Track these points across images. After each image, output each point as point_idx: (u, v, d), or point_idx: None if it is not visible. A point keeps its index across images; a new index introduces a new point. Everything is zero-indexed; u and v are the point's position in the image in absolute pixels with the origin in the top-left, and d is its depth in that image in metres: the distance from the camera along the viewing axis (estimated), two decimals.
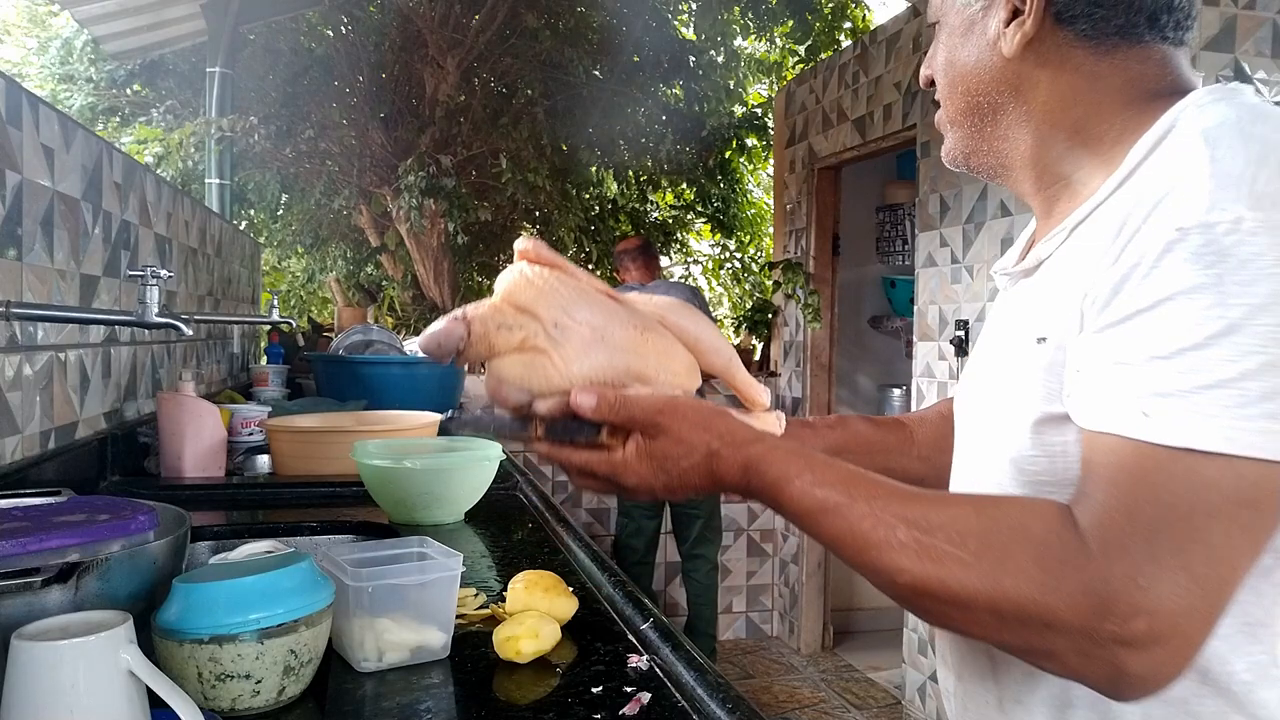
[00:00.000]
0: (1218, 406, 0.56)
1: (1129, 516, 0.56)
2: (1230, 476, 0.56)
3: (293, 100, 4.69)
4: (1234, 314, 0.56)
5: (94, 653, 0.64)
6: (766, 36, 5.84)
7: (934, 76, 0.82)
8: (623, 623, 1.05)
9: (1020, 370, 0.73)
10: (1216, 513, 0.56)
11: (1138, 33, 0.71)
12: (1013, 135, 0.77)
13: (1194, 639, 0.57)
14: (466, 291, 5.43)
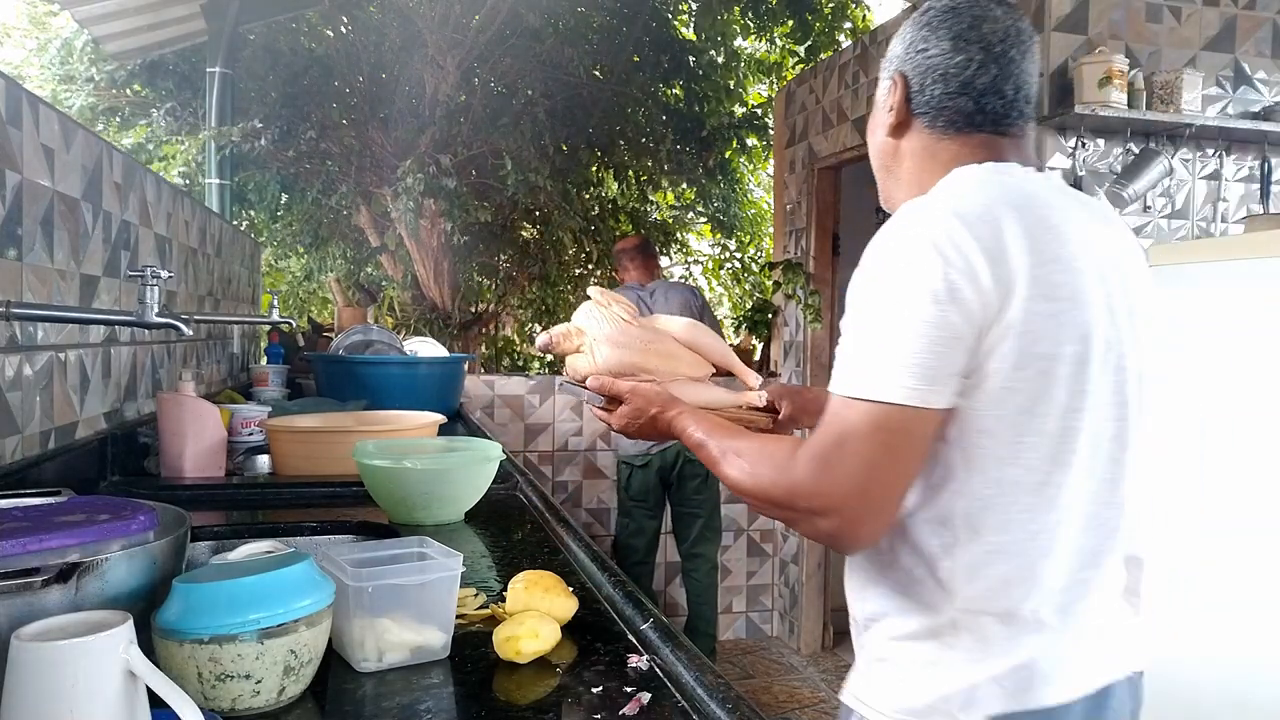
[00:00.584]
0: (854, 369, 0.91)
1: (818, 440, 0.91)
2: (864, 413, 0.88)
3: (293, 100, 4.69)
4: (859, 322, 0.92)
5: (94, 653, 0.64)
6: (766, 36, 5.84)
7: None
8: (623, 623, 1.05)
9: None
10: (857, 435, 0.88)
11: (958, 126, 1.03)
12: (898, 187, 1.15)
13: (861, 513, 0.88)
14: (467, 291, 5.42)
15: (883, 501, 0.89)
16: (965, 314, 0.86)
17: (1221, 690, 2.20)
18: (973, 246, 0.87)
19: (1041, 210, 0.92)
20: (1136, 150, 2.76)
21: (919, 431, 0.88)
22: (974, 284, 0.86)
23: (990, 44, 1.01)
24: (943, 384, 0.87)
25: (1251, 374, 2.17)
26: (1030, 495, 0.90)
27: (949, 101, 1.03)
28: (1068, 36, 2.72)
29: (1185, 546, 2.34)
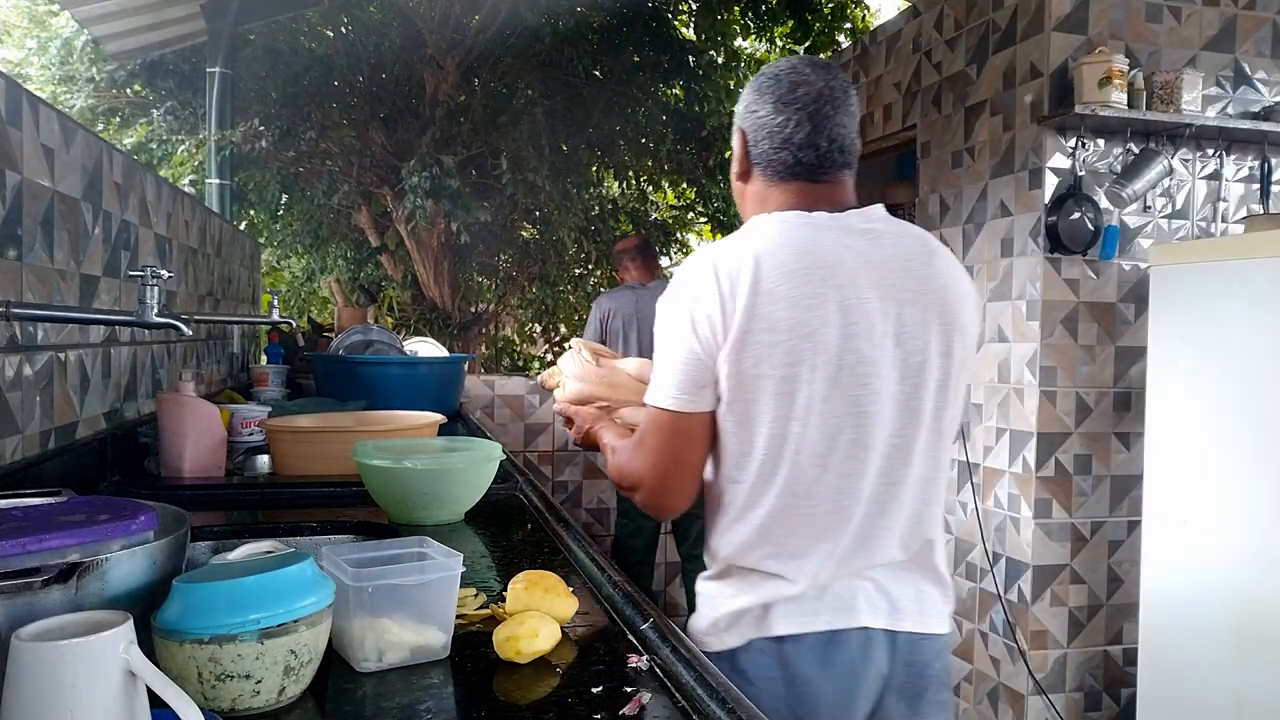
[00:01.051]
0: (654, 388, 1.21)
1: (635, 436, 1.29)
2: (653, 416, 1.21)
3: (293, 100, 4.69)
4: (657, 344, 1.22)
5: (94, 653, 0.64)
6: (766, 36, 5.84)
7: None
8: (623, 623, 1.05)
9: None
10: (650, 431, 1.22)
11: (781, 176, 1.25)
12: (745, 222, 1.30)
13: (658, 488, 1.25)
14: (467, 291, 5.43)
15: (673, 480, 1.24)
16: (702, 342, 1.15)
17: (1221, 690, 2.20)
18: (712, 293, 1.14)
19: (805, 257, 1.15)
20: (1136, 150, 2.76)
21: (687, 428, 1.19)
22: (708, 321, 1.14)
23: (805, 105, 1.22)
24: (698, 394, 1.17)
25: (1252, 374, 2.17)
26: (756, 483, 1.19)
27: (774, 155, 1.25)
28: (1068, 36, 2.72)
29: (1185, 545, 2.34)
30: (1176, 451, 2.38)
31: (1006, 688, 2.89)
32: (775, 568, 1.20)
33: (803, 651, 1.18)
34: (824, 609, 1.20)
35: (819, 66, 1.25)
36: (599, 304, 3.69)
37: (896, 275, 1.18)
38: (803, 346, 1.13)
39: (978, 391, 3.03)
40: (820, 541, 1.19)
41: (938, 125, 3.28)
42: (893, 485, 1.22)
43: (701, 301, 1.14)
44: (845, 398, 1.15)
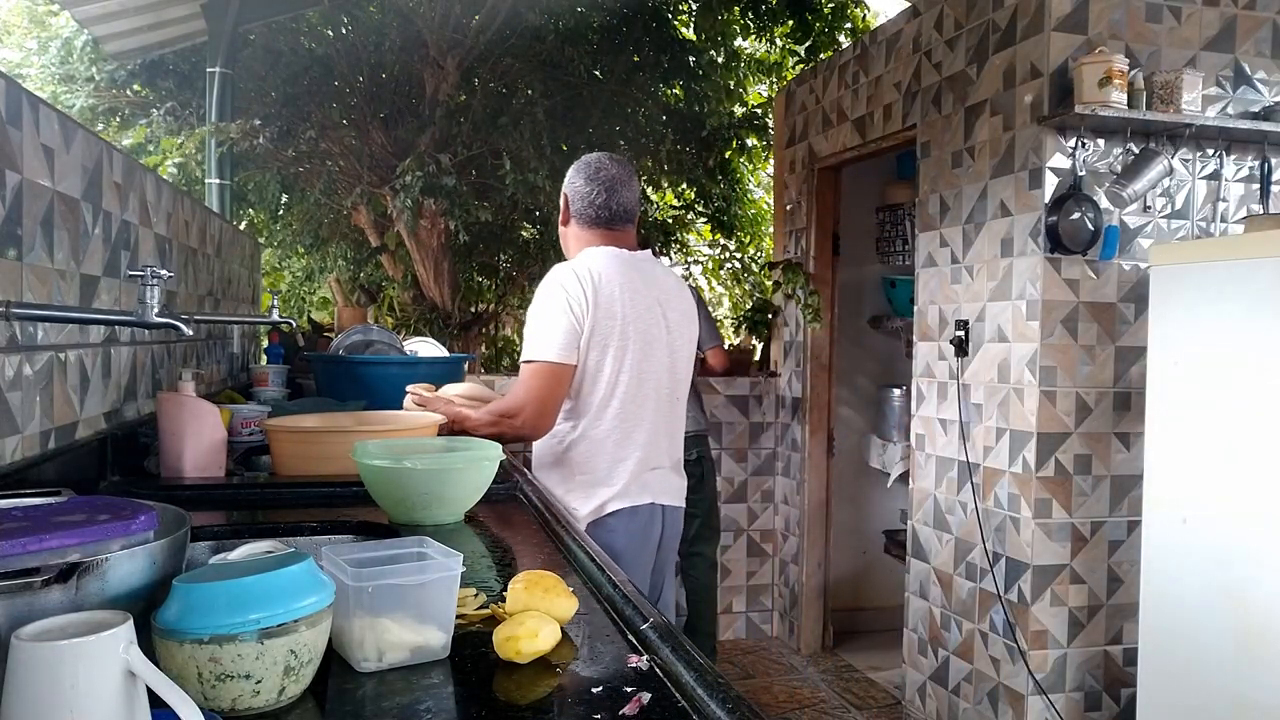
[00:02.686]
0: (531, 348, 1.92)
1: (514, 386, 1.96)
2: (535, 368, 1.90)
3: (293, 100, 4.69)
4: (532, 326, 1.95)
5: (94, 653, 0.64)
6: (766, 36, 5.83)
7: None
8: (623, 623, 1.05)
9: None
10: (527, 377, 1.91)
11: (589, 224, 2.06)
12: (568, 253, 2.08)
13: (530, 417, 1.91)
14: (467, 291, 5.42)
15: (549, 409, 1.92)
16: (575, 319, 1.89)
17: (1221, 690, 2.20)
18: (578, 288, 1.90)
19: (618, 275, 1.95)
20: (1136, 150, 2.76)
21: (560, 375, 1.91)
22: (579, 304, 1.89)
23: (602, 181, 2.05)
24: (570, 352, 1.90)
25: (1252, 374, 2.17)
26: (599, 414, 1.94)
27: (585, 211, 2.07)
28: (1068, 36, 2.72)
29: (1185, 545, 2.34)
30: (1176, 451, 2.38)
31: (1006, 688, 2.89)
32: (605, 473, 1.96)
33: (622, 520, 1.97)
34: (633, 496, 1.97)
35: (614, 158, 2.11)
36: None
37: (663, 290, 2.04)
38: (628, 329, 1.93)
39: (978, 391, 3.03)
40: (632, 450, 1.97)
41: (938, 125, 3.28)
42: (671, 415, 2.07)
43: (574, 293, 1.89)
44: (649, 361, 1.97)
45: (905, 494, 3.61)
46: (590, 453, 1.95)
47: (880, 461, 4.21)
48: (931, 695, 3.31)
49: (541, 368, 1.88)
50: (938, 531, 3.26)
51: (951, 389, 3.16)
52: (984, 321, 3.00)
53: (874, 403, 4.44)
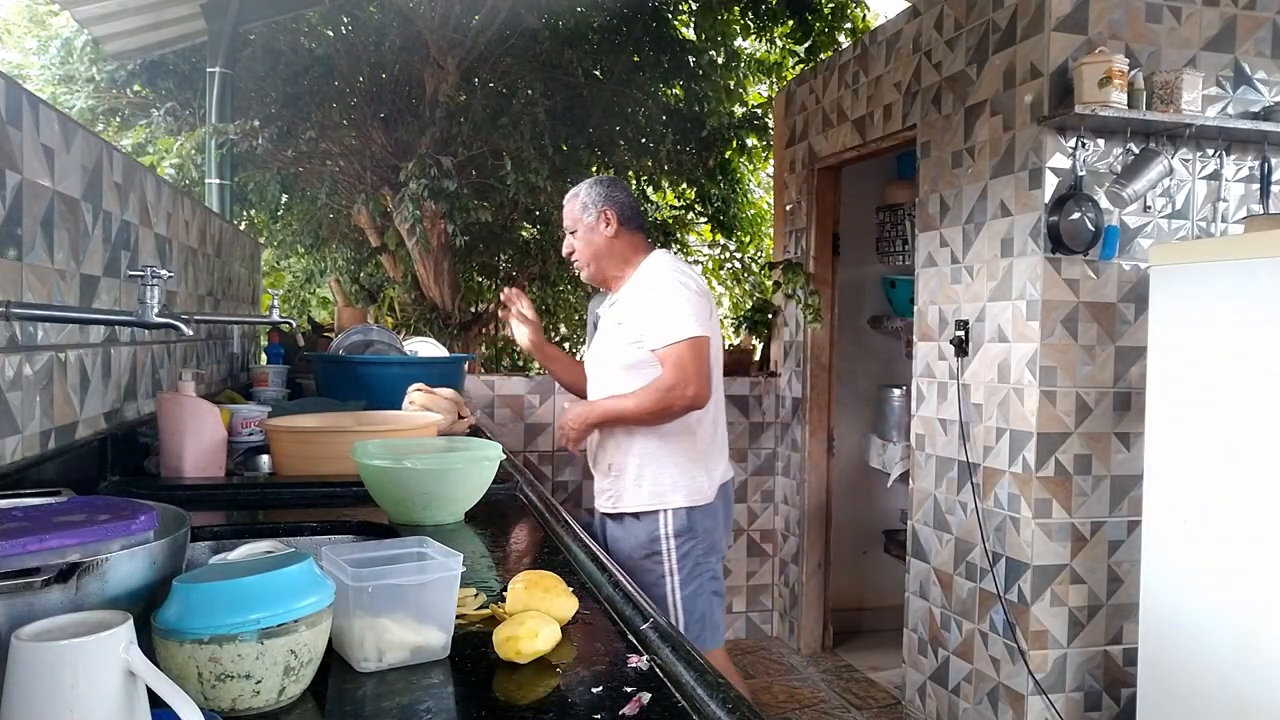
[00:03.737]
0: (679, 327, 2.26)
1: (673, 364, 2.21)
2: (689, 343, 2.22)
3: (293, 100, 4.69)
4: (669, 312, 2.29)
5: (94, 653, 0.64)
6: (766, 36, 5.83)
7: (576, 250, 2.43)
8: (623, 623, 1.05)
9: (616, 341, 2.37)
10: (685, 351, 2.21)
11: (638, 229, 2.44)
12: (612, 262, 2.42)
13: (700, 387, 2.21)
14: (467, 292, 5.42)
15: (705, 379, 2.21)
16: (702, 300, 2.27)
17: (1221, 690, 2.20)
18: (690, 277, 2.31)
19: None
20: (1136, 150, 2.76)
21: (707, 347, 2.23)
22: (700, 289, 2.28)
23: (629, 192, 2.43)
24: (708, 325, 2.26)
25: (1252, 374, 2.17)
26: (715, 392, 2.31)
27: (634, 218, 2.41)
28: (1068, 36, 2.72)
29: (1185, 545, 2.34)
30: (1176, 451, 2.38)
31: (1006, 688, 2.89)
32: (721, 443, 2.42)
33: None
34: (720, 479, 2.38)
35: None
36: (592, 306, 3.70)
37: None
38: (715, 317, 2.38)
39: (978, 391, 3.03)
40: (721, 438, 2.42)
41: (938, 125, 3.28)
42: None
43: (694, 280, 2.30)
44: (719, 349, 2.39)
45: (905, 494, 3.61)
46: (712, 427, 2.34)
47: (880, 461, 4.21)
48: (931, 695, 3.31)
49: (698, 341, 2.19)
50: (938, 531, 3.26)
51: (951, 389, 3.16)
52: (984, 321, 3.00)
53: (874, 403, 4.44)
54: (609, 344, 2.37)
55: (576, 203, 2.38)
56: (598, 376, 2.42)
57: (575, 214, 2.38)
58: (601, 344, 2.41)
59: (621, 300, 2.37)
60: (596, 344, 2.45)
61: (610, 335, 2.37)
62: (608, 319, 2.41)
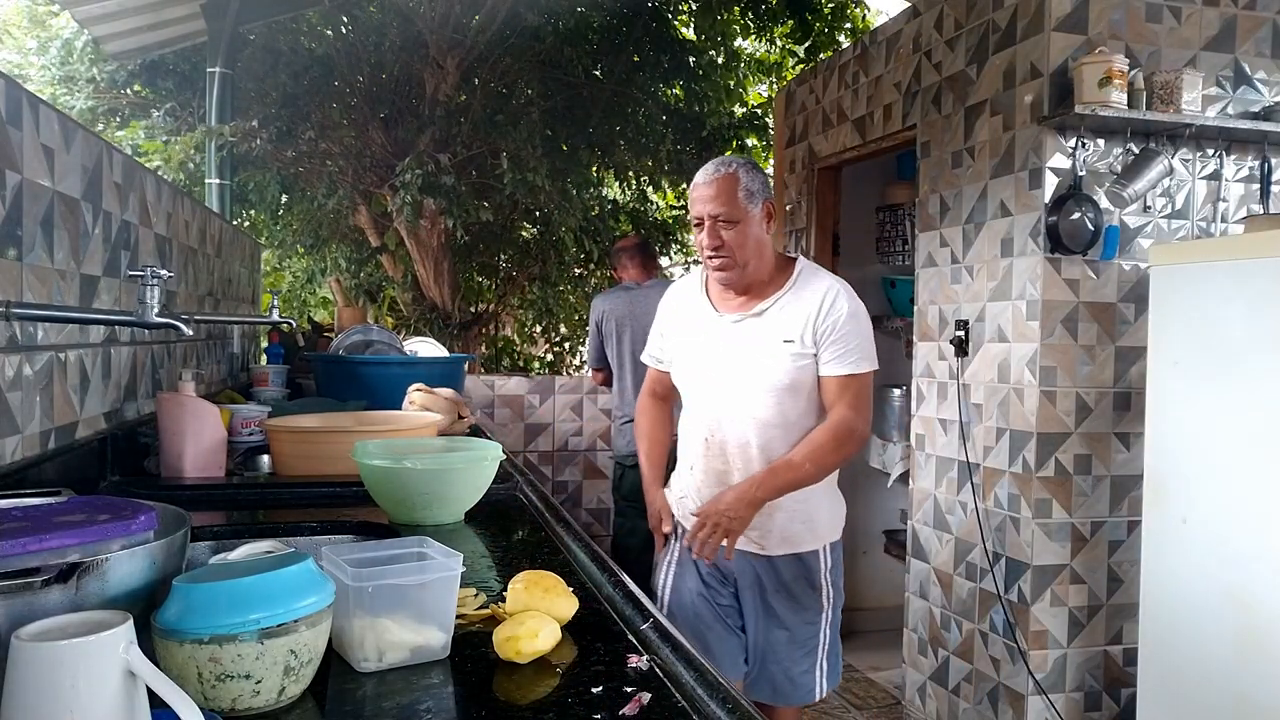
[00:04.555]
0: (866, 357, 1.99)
1: (854, 399, 1.96)
2: (866, 377, 1.98)
3: (293, 100, 4.69)
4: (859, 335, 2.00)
5: (94, 653, 0.64)
6: (766, 36, 5.83)
7: (732, 246, 1.93)
8: (623, 623, 1.05)
9: (773, 358, 1.96)
10: (863, 388, 1.98)
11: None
12: (764, 268, 2.00)
13: (868, 430, 1.98)
14: (467, 291, 5.43)
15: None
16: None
17: (1221, 690, 2.20)
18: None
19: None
20: (1136, 150, 2.76)
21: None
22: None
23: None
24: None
25: (1252, 374, 2.17)
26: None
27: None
28: (1068, 36, 2.72)
29: (1185, 545, 2.34)
30: (1176, 451, 2.38)
31: (1006, 688, 2.89)
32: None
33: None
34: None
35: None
36: (595, 306, 3.70)
37: None
38: None
39: (978, 391, 3.03)
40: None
41: (938, 125, 3.28)
42: None
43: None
44: None
45: (905, 494, 3.61)
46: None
47: (880, 461, 4.21)
48: (931, 695, 3.31)
49: (868, 377, 1.99)
50: (938, 531, 3.26)
51: (951, 389, 3.16)
52: (984, 321, 3.00)
53: (874, 402, 4.43)
54: (764, 360, 1.96)
55: (739, 188, 1.92)
56: (744, 397, 1.98)
57: (739, 200, 1.91)
58: (747, 358, 1.98)
59: (783, 310, 1.97)
60: (734, 357, 1.99)
61: (766, 350, 1.96)
62: (751, 329, 1.99)
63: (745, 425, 1.98)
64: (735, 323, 2.00)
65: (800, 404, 1.97)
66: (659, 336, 2.21)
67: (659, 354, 2.21)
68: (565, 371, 6.02)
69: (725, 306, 2.03)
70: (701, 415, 2.04)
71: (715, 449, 2.03)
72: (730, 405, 1.99)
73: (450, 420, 2.43)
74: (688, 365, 2.07)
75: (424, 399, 2.46)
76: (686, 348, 2.09)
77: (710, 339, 2.02)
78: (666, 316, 2.18)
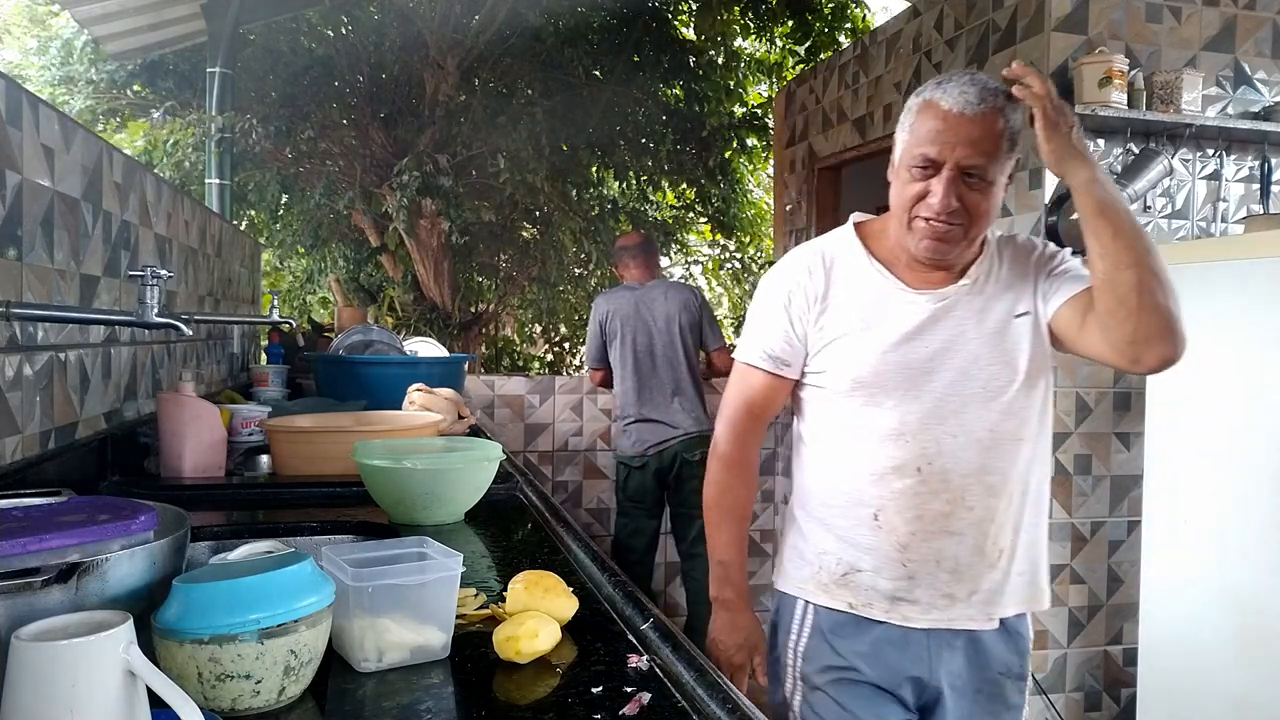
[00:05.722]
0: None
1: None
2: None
3: (293, 100, 4.69)
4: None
5: (94, 653, 0.64)
6: (766, 36, 5.84)
7: (973, 211, 1.33)
8: (623, 623, 1.05)
9: (1010, 341, 1.40)
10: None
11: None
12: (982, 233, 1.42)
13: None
14: (467, 291, 5.43)
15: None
16: None
17: (1221, 690, 2.20)
18: None
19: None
20: (1136, 150, 2.76)
21: None
22: None
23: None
24: None
25: (1252, 374, 2.17)
26: None
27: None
28: (1068, 36, 2.72)
29: (1185, 545, 2.34)
30: (1176, 451, 2.38)
31: None
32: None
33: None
34: None
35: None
36: (597, 306, 3.69)
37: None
38: None
39: None
40: None
41: None
42: None
43: None
44: None
45: None
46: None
47: None
48: None
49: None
50: None
51: None
52: None
53: None
54: (997, 347, 1.39)
55: (1005, 132, 1.30)
56: (972, 401, 1.39)
57: (1001, 150, 1.31)
58: (973, 347, 1.39)
59: (996, 278, 1.42)
60: (953, 347, 1.39)
61: (997, 333, 1.39)
62: (970, 309, 1.40)
63: (976, 441, 1.38)
64: (941, 303, 1.39)
65: (1037, 400, 1.40)
66: (780, 330, 1.47)
67: (781, 351, 1.48)
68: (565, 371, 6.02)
69: (919, 280, 1.43)
70: (902, 436, 1.38)
71: (932, 483, 1.37)
72: (952, 416, 1.38)
73: (450, 420, 2.43)
74: (870, 366, 1.39)
75: (424, 399, 2.45)
76: (865, 343, 1.41)
77: (909, 326, 1.40)
78: (804, 296, 1.46)
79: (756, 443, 1.66)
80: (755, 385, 1.54)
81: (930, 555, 1.38)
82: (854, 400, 1.42)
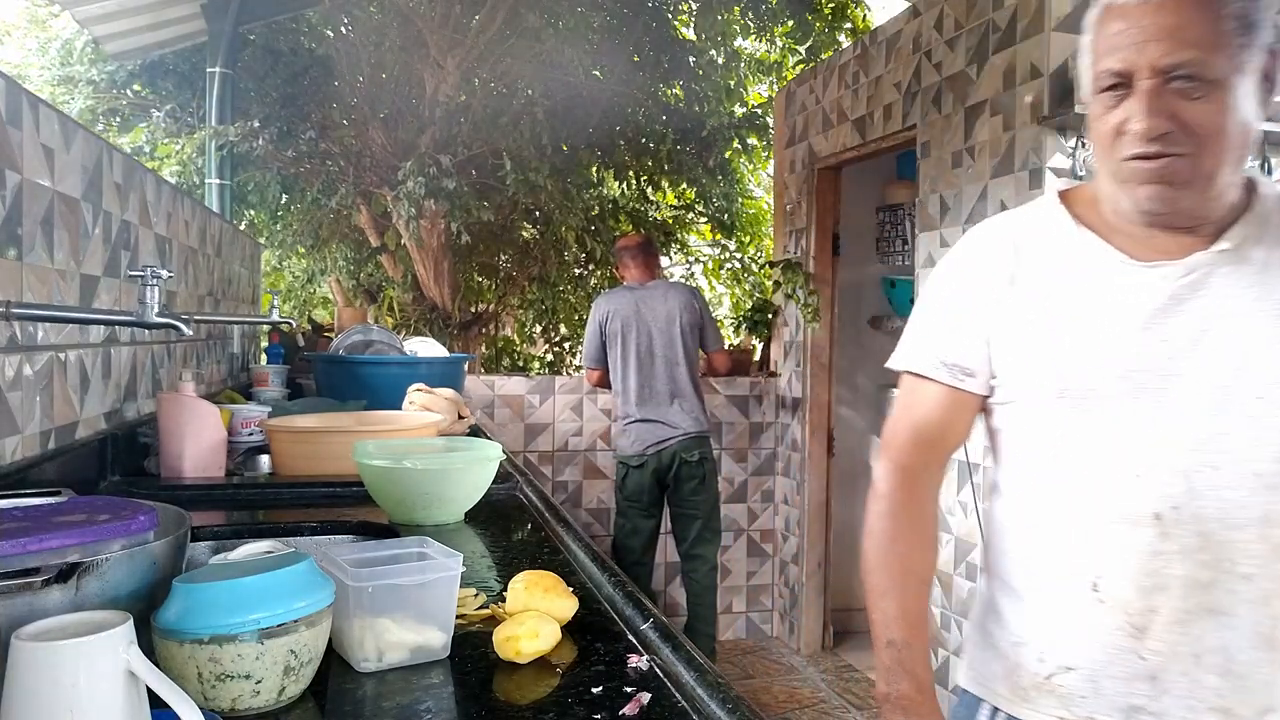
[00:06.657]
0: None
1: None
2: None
3: (293, 100, 4.69)
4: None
5: (94, 653, 0.64)
6: (766, 36, 5.84)
7: (1196, 128, 0.92)
8: (623, 623, 1.05)
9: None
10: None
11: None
12: (1229, 172, 0.96)
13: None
14: (467, 291, 5.43)
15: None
16: None
17: None
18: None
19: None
20: None
21: None
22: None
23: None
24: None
25: None
26: None
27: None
28: (1068, 36, 2.72)
29: None
30: None
31: None
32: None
33: None
34: None
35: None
36: (597, 306, 3.70)
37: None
38: None
39: None
40: None
41: (938, 125, 3.28)
42: None
43: None
44: None
45: None
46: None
47: None
48: None
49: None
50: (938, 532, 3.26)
51: None
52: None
53: (874, 403, 4.43)
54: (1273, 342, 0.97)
55: (1225, 9, 0.91)
56: (1240, 425, 0.96)
57: (1224, 34, 0.91)
58: (1238, 344, 0.96)
59: (1269, 243, 1.00)
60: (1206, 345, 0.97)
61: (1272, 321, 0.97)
62: (1230, 284, 0.98)
63: (1252, 476, 0.96)
64: (1187, 277, 0.98)
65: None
66: (959, 327, 1.09)
67: (961, 357, 1.09)
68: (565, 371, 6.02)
69: (1150, 250, 1.00)
70: (1131, 468, 0.98)
71: (1181, 537, 0.96)
72: (1210, 439, 0.96)
73: (450, 420, 2.43)
74: (1081, 369, 1.00)
75: (424, 399, 2.45)
76: (1075, 337, 1.01)
77: (1140, 313, 0.98)
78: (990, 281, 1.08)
79: (933, 483, 1.15)
80: (927, 403, 1.11)
81: (1185, 647, 0.94)
82: (1059, 417, 1.00)
